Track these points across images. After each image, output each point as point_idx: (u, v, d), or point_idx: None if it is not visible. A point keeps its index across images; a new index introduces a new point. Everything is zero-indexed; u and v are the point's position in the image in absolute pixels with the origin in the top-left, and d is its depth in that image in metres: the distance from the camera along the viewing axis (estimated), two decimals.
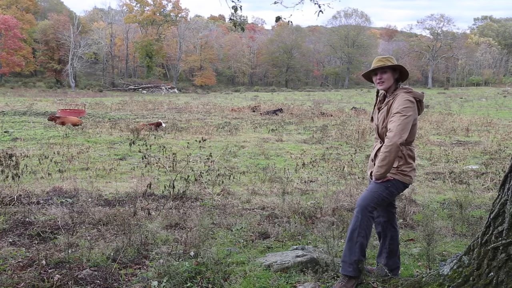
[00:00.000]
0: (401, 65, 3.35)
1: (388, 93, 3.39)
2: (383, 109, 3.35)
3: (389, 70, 3.34)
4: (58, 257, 3.54)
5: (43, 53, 59.94)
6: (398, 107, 3.19)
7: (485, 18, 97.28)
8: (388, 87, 3.35)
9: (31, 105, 24.55)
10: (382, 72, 3.33)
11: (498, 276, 2.49)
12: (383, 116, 3.34)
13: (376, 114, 3.47)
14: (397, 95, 3.28)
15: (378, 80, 3.37)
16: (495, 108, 27.99)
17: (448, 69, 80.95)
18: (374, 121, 3.49)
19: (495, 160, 9.59)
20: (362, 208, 3.18)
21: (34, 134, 13.11)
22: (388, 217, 3.43)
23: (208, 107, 27.18)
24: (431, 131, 15.48)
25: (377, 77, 3.37)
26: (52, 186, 6.15)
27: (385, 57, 3.41)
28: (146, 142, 10.21)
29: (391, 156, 3.13)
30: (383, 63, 3.33)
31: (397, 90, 3.34)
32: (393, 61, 3.36)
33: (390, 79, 3.33)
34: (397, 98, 3.25)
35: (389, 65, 3.32)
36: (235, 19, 5.89)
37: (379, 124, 3.38)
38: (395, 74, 3.36)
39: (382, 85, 3.35)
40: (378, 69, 3.34)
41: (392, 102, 3.28)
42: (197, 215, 4.87)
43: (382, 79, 3.34)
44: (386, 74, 3.33)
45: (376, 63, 3.38)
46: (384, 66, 3.32)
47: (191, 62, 67.67)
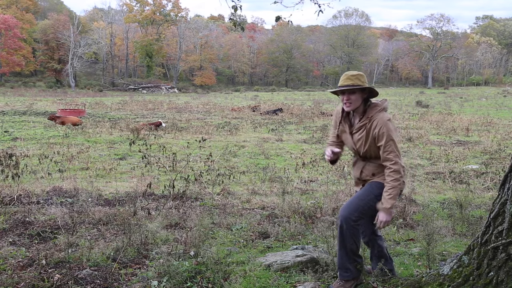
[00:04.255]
0: (371, 87, 3.07)
1: (357, 112, 3.13)
2: (359, 132, 3.10)
3: (358, 90, 3.05)
4: (58, 257, 3.54)
5: (43, 52, 59.95)
6: (385, 132, 2.97)
7: (486, 17, 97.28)
8: (356, 107, 3.08)
9: (31, 105, 24.55)
10: (350, 93, 3.04)
11: (498, 276, 2.49)
12: (362, 140, 3.08)
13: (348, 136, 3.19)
14: (373, 118, 3.04)
15: (345, 101, 3.07)
16: (495, 108, 27.98)
17: (448, 68, 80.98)
18: (348, 143, 3.22)
19: (495, 159, 9.58)
20: (346, 218, 3.03)
21: (34, 133, 13.11)
22: (372, 228, 3.27)
23: (208, 106, 27.18)
24: (431, 131, 15.48)
25: (344, 97, 3.07)
26: (52, 186, 6.15)
27: (354, 75, 3.08)
28: (146, 142, 10.20)
29: (400, 186, 2.99)
30: (351, 83, 3.03)
31: (370, 111, 3.08)
32: (363, 79, 3.07)
33: (358, 100, 3.06)
34: (377, 121, 3.02)
35: (358, 87, 3.02)
36: (235, 18, 5.89)
37: (360, 148, 3.12)
38: (364, 94, 3.08)
39: (349, 106, 3.06)
40: (346, 90, 3.05)
41: (371, 125, 3.03)
42: (197, 214, 4.87)
43: (350, 100, 3.05)
44: (354, 95, 3.04)
45: (344, 81, 3.07)
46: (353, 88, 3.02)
47: (191, 61, 67.68)
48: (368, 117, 3.07)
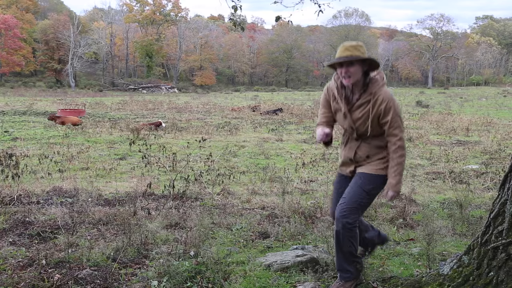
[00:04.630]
0: (372, 58, 2.85)
1: (356, 86, 2.90)
2: (360, 110, 2.91)
3: (357, 62, 2.80)
4: (58, 257, 3.54)
5: (43, 52, 59.95)
6: (392, 107, 2.83)
7: (486, 17, 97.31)
8: (356, 81, 2.85)
9: (31, 105, 24.55)
10: (349, 65, 2.80)
11: (498, 276, 2.49)
12: (364, 117, 2.89)
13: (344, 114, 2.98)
14: (377, 94, 2.86)
15: (344, 74, 2.83)
16: (495, 108, 27.98)
17: (448, 68, 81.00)
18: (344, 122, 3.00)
19: (495, 159, 9.58)
20: (343, 224, 2.91)
21: (34, 133, 13.11)
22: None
23: (208, 106, 27.18)
24: (431, 130, 15.47)
25: (342, 70, 2.83)
26: (52, 186, 6.15)
27: (353, 45, 2.83)
28: (146, 141, 10.19)
29: (404, 162, 2.92)
30: (350, 54, 2.78)
31: (372, 86, 2.88)
32: (362, 50, 2.82)
33: (358, 72, 2.82)
34: (382, 96, 2.84)
35: (357, 58, 2.79)
36: (235, 18, 5.89)
37: (359, 127, 2.94)
38: (364, 66, 2.84)
39: (348, 80, 2.83)
40: (345, 61, 2.81)
41: (375, 101, 2.85)
42: (197, 214, 4.87)
43: (348, 73, 2.81)
44: (354, 67, 2.80)
45: (342, 52, 2.82)
46: (352, 59, 2.78)
47: (191, 61, 67.69)
48: (371, 93, 2.87)
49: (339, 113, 3.02)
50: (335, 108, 3.03)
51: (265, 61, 75.10)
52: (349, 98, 2.95)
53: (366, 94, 2.88)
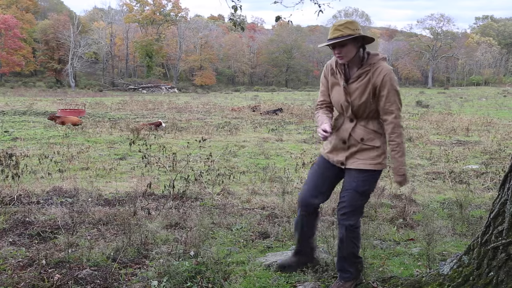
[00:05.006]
0: (362, 34, 2.72)
1: (353, 62, 2.82)
2: (358, 81, 2.80)
3: (349, 41, 2.71)
4: (58, 257, 3.54)
5: (43, 52, 59.97)
6: (389, 81, 2.74)
7: (486, 17, 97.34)
8: (351, 59, 2.78)
9: (31, 105, 24.55)
10: (341, 45, 2.73)
11: (498, 276, 2.49)
12: (361, 89, 2.78)
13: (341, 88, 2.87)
14: (376, 65, 2.77)
15: (337, 54, 2.77)
16: (495, 108, 27.99)
17: (448, 68, 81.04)
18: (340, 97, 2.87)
19: (495, 159, 9.59)
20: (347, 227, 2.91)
21: (34, 133, 13.11)
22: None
23: (208, 106, 27.18)
24: (431, 130, 15.48)
25: (335, 51, 2.77)
26: (52, 186, 6.15)
27: (342, 24, 2.73)
28: (146, 141, 10.20)
29: (404, 142, 2.84)
30: (340, 34, 2.69)
31: (371, 59, 2.80)
32: (353, 26, 2.71)
33: (351, 50, 2.74)
34: (381, 68, 2.76)
35: (347, 37, 2.69)
36: (235, 18, 5.90)
37: (355, 101, 2.81)
38: (357, 42, 2.75)
39: (342, 59, 2.77)
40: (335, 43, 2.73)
41: (373, 72, 2.76)
42: (197, 214, 4.87)
43: (341, 53, 2.74)
44: (346, 47, 2.73)
45: (332, 33, 2.74)
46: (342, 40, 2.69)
47: (191, 61, 67.71)
48: (369, 64, 2.78)
49: (335, 88, 2.91)
50: (332, 83, 2.93)
51: (265, 61, 75.12)
52: (347, 72, 2.88)
53: (365, 65, 2.79)
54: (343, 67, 2.87)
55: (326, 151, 3.05)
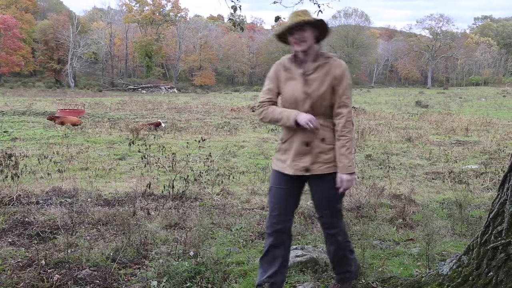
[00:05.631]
0: (322, 20, 2.72)
1: (309, 55, 2.76)
2: (316, 72, 2.73)
3: (309, 27, 2.71)
4: (58, 257, 3.54)
5: (42, 53, 59.94)
6: (345, 76, 2.71)
7: (485, 17, 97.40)
8: (309, 47, 2.72)
9: (31, 105, 24.53)
10: (301, 30, 2.70)
11: (497, 276, 2.50)
12: (320, 81, 2.71)
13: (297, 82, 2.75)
14: (333, 59, 2.76)
15: (297, 40, 2.71)
16: (494, 108, 28.02)
17: (448, 68, 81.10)
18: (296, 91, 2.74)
19: (495, 159, 9.59)
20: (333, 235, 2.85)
21: (33, 134, 13.11)
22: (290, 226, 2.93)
23: (207, 107, 27.18)
24: (431, 131, 15.48)
25: (295, 36, 2.71)
26: (51, 186, 6.15)
27: (302, 11, 2.76)
28: (146, 142, 10.18)
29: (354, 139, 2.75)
30: (301, 19, 2.68)
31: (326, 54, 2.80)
32: (310, 16, 2.74)
33: (310, 37, 2.72)
34: (337, 62, 2.75)
35: (309, 20, 2.69)
36: (234, 19, 5.90)
37: (314, 92, 2.70)
38: (315, 31, 2.74)
39: (301, 45, 2.71)
40: (296, 27, 2.69)
41: (331, 65, 2.73)
42: (197, 215, 4.87)
43: (302, 37, 2.70)
44: (306, 32, 2.70)
45: (293, 18, 2.71)
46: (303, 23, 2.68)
47: (190, 62, 67.69)
48: (326, 57, 2.77)
49: (290, 83, 2.77)
50: (286, 78, 2.79)
51: (265, 61, 75.02)
52: (304, 65, 2.78)
53: (322, 58, 2.76)
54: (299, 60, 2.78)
55: (287, 163, 2.78)
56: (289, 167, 2.76)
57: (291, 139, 2.78)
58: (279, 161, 2.84)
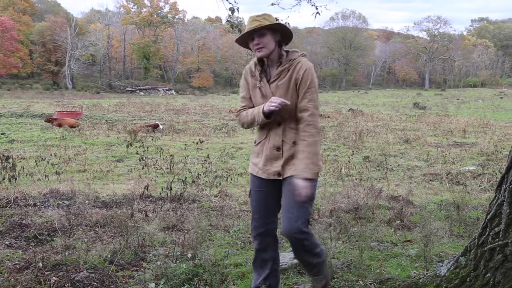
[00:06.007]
0: (281, 23, 2.64)
1: (272, 60, 2.67)
2: (279, 78, 2.63)
3: (268, 31, 2.60)
4: (55, 260, 3.53)
5: (40, 54, 59.89)
6: (310, 77, 2.57)
7: (481, 19, 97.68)
8: (270, 52, 2.62)
9: (28, 107, 24.49)
10: (260, 35, 2.59)
11: (495, 277, 2.50)
12: (283, 87, 2.60)
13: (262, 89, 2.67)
14: (297, 61, 2.62)
15: (256, 46, 2.62)
16: (491, 110, 28.11)
17: (445, 70, 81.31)
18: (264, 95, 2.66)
19: (492, 161, 9.62)
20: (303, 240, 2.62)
21: (31, 136, 13.08)
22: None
23: (205, 108, 27.18)
24: (428, 132, 15.51)
25: (254, 42, 2.62)
26: (49, 188, 6.13)
27: (260, 15, 2.63)
28: (144, 143, 10.19)
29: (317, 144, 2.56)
30: (259, 24, 2.57)
31: (291, 55, 2.66)
32: (271, 19, 2.62)
33: (271, 43, 2.61)
34: (301, 63, 2.60)
35: (267, 25, 2.57)
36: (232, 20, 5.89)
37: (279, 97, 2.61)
38: (276, 36, 2.63)
39: (262, 51, 2.61)
40: (254, 33, 2.60)
41: (294, 68, 2.60)
42: (195, 217, 4.87)
43: (261, 43, 2.60)
44: (265, 37, 2.60)
45: (250, 24, 2.61)
46: (261, 27, 2.57)
47: (188, 63, 67.69)
48: (290, 59, 2.63)
49: (256, 90, 2.70)
50: (253, 85, 2.72)
51: None
52: (267, 72, 2.70)
53: (285, 62, 2.63)
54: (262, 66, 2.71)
55: (259, 166, 2.73)
56: (261, 171, 2.71)
57: (263, 141, 2.72)
58: (253, 165, 2.78)
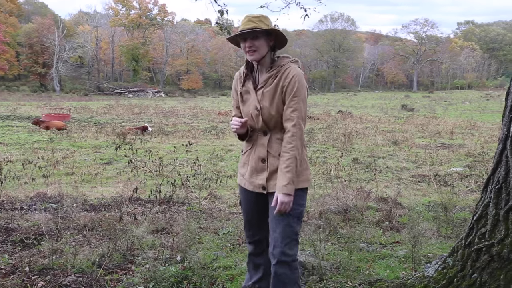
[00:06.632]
0: (277, 29, 2.50)
1: (262, 65, 2.55)
2: (266, 85, 2.50)
3: (263, 35, 2.47)
4: (42, 264, 3.49)
5: (27, 56, 59.23)
6: (297, 85, 2.42)
7: (467, 22, 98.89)
8: (262, 57, 2.49)
9: (15, 109, 24.19)
10: (254, 38, 2.46)
11: (481, 277, 2.53)
12: (269, 95, 2.48)
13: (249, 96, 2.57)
14: (285, 67, 2.49)
15: (248, 48, 2.48)
16: (478, 111, 28.45)
17: (433, 72, 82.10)
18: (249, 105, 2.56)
19: (479, 162, 9.73)
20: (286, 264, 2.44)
21: (17, 138, 12.92)
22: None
23: (194, 111, 27.11)
24: (416, 134, 15.65)
25: (246, 44, 2.48)
26: (36, 192, 6.07)
27: (257, 16, 2.49)
28: (132, 146, 10.13)
29: (298, 157, 2.40)
30: (254, 25, 2.44)
31: (281, 61, 2.53)
32: (267, 22, 2.48)
33: (263, 47, 2.48)
34: (289, 70, 2.47)
35: (262, 29, 2.45)
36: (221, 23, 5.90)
37: (265, 110, 2.49)
38: (270, 40, 2.51)
39: (253, 54, 2.48)
40: (248, 34, 2.46)
41: (281, 75, 2.47)
42: (184, 219, 4.85)
43: (253, 47, 2.46)
44: (258, 40, 2.46)
45: (245, 24, 2.47)
46: (255, 30, 2.44)
47: (177, 65, 67.48)
48: (278, 65, 2.51)
49: (245, 97, 2.60)
50: (243, 91, 2.62)
51: None
52: (255, 77, 2.59)
53: (274, 68, 2.51)
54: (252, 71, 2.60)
55: (245, 177, 2.64)
56: (247, 182, 2.62)
57: (249, 151, 2.63)
58: (241, 175, 2.71)
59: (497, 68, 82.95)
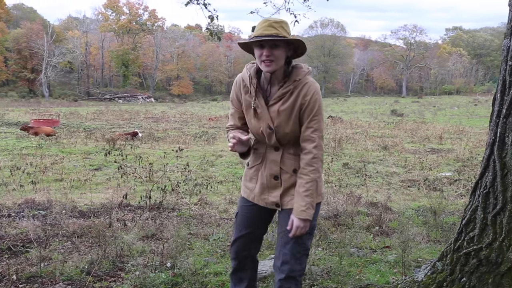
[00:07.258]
0: (301, 40, 2.21)
1: (276, 77, 2.25)
2: (281, 102, 2.24)
3: (283, 44, 2.17)
4: (30, 272, 3.45)
5: (15, 62, 58.76)
6: (317, 103, 2.22)
7: (455, 28, 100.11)
8: (278, 68, 2.21)
9: (3, 115, 23.95)
10: (273, 47, 2.14)
11: (470, 281, 2.55)
12: (286, 112, 2.23)
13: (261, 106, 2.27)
14: (302, 82, 2.23)
15: (265, 58, 2.15)
16: (466, 116, 28.77)
17: (422, 78, 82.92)
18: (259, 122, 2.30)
19: (467, 167, 9.82)
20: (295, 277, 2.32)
21: (5, 145, 12.78)
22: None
23: (185, 116, 27.05)
24: (406, 139, 15.77)
25: (263, 52, 2.15)
26: (24, 198, 5.99)
27: (278, 22, 2.17)
28: (122, 152, 10.06)
29: (319, 180, 2.25)
30: (276, 32, 2.12)
31: (296, 73, 2.25)
32: (288, 29, 2.18)
33: (282, 57, 2.18)
34: (308, 85, 2.23)
35: (285, 38, 2.14)
36: (211, 28, 5.92)
37: (279, 127, 2.26)
38: (288, 50, 2.22)
39: (270, 65, 2.17)
40: (267, 41, 2.14)
41: (299, 91, 2.21)
42: (174, 225, 4.82)
43: (271, 56, 2.14)
44: (278, 49, 2.15)
45: (265, 29, 2.14)
46: (276, 38, 2.13)
47: (168, 71, 67.41)
48: (295, 80, 2.23)
49: (250, 111, 2.33)
50: (247, 104, 2.33)
51: None
52: (266, 90, 2.30)
53: (289, 83, 2.24)
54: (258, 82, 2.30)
55: (255, 193, 2.44)
56: (257, 198, 2.43)
57: (258, 166, 2.42)
58: (247, 189, 2.50)
59: (485, 73, 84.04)
